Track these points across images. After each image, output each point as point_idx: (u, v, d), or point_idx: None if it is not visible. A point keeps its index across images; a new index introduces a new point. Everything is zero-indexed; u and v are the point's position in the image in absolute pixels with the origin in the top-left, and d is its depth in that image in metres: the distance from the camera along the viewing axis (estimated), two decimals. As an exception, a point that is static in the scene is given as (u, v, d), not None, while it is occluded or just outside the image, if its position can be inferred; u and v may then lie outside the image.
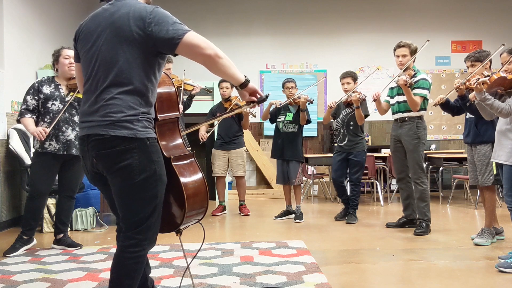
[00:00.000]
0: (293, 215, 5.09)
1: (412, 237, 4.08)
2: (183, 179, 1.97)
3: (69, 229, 4.49)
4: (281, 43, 8.06)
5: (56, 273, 3.05)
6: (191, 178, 2.03)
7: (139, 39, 1.79)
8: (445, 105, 4.00)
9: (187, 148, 2.16)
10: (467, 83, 3.26)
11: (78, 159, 3.73)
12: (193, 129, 3.21)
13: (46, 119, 3.66)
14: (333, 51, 8.05)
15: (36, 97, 3.68)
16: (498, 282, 2.79)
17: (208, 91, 5.72)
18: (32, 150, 3.82)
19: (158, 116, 2.01)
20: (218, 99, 6.18)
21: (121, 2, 1.88)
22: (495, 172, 3.54)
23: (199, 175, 2.06)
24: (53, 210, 4.49)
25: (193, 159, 2.11)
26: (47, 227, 4.52)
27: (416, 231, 4.15)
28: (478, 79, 3.14)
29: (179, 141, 2.11)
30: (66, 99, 3.71)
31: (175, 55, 1.84)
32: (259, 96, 1.99)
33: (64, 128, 3.67)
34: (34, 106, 3.68)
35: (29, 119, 3.65)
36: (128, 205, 1.88)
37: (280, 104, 4.97)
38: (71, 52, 3.69)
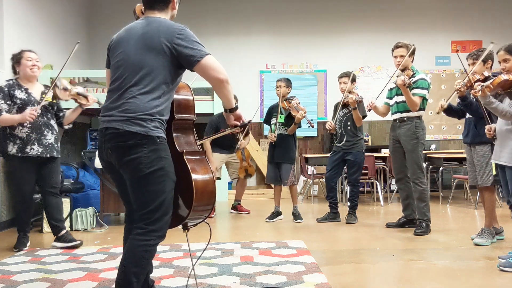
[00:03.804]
0: (282, 216, 5.10)
1: (412, 237, 4.08)
2: (193, 172, 2.11)
3: (68, 228, 4.50)
4: (281, 43, 8.06)
5: (56, 273, 3.05)
6: (201, 172, 2.16)
7: (166, 50, 2.03)
8: (449, 110, 3.99)
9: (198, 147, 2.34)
10: (472, 91, 3.24)
11: (54, 158, 3.89)
12: (205, 139, 3.36)
13: (25, 124, 3.71)
14: (333, 51, 8.05)
15: (9, 102, 3.71)
16: (498, 282, 2.79)
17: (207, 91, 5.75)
18: (11, 152, 3.72)
19: (175, 115, 2.24)
20: (217, 99, 6.17)
21: (152, 18, 2.14)
22: (494, 172, 3.53)
23: (209, 172, 2.20)
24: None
25: (204, 157, 2.26)
26: (47, 227, 4.50)
27: (416, 231, 4.15)
28: (482, 85, 3.12)
29: (192, 140, 2.31)
30: (42, 103, 3.76)
31: (192, 70, 2.09)
32: (242, 121, 2.29)
33: (45, 132, 3.79)
34: (6, 110, 3.69)
35: (7, 114, 3.67)
36: (138, 197, 2.06)
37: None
38: (33, 55, 3.86)
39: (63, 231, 3.91)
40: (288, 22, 8.06)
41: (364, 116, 4.79)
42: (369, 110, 4.46)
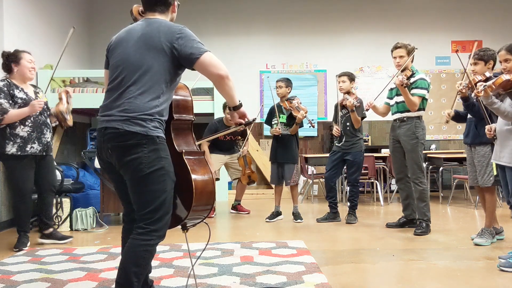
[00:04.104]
0: (282, 216, 5.10)
1: (412, 237, 4.08)
2: (192, 172, 2.12)
3: (68, 228, 4.51)
4: (281, 43, 8.06)
5: (56, 273, 3.05)
6: (200, 172, 2.16)
7: (166, 49, 2.04)
8: (457, 117, 3.96)
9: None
10: (475, 91, 3.23)
11: (49, 156, 3.99)
12: (203, 140, 3.32)
13: (27, 123, 3.77)
14: (333, 51, 8.05)
15: (11, 101, 3.73)
16: (498, 282, 2.79)
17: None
18: (10, 152, 3.74)
19: (174, 115, 2.24)
20: (217, 99, 6.18)
21: (152, 19, 2.16)
22: (495, 173, 3.53)
23: (208, 173, 2.20)
24: (53, 210, 4.49)
25: (203, 157, 2.27)
26: (47, 227, 4.52)
27: (416, 231, 4.15)
28: (484, 85, 3.11)
29: (191, 140, 2.31)
30: (42, 100, 3.86)
31: (192, 69, 2.10)
32: (246, 119, 2.27)
33: (44, 130, 3.88)
34: (9, 109, 3.73)
35: (14, 109, 3.71)
36: (139, 197, 2.06)
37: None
38: (31, 57, 3.93)
39: (51, 229, 4.05)
40: (288, 22, 8.06)
41: (363, 118, 4.80)
42: (367, 109, 4.47)
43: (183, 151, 2.17)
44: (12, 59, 3.84)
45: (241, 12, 8.02)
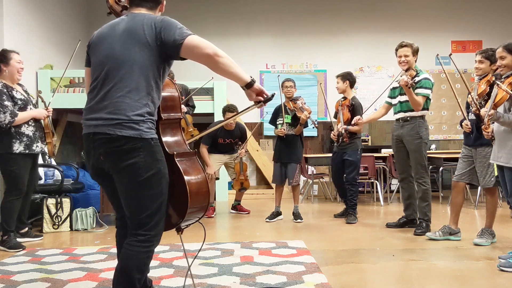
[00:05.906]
0: (282, 216, 5.11)
1: (412, 237, 4.08)
2: (186, 175, 2.04)
3: (69, 228, 4.49)
4: (281, 43, 8.06)
5: (56, 273, 3.05)
6: (194, 174, 2.08)
7: (151, 43, 1.92)
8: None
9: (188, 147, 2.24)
10: (484, 128, 3.26)
11: (38, 156, 4.09)
12: (197, 137, 3.25)
13: (30, 123, 3.86)
14: (333, 51, 8.05)
15: (11, 102, 3.77)
16: (498, 282, 2.79)
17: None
18: (17, 151, 3.79)
19: (162, 115, 2.11)
20: (217, 99, 6.18)
21: (136, 13, 2.04)
22: (496, 173, 3.52)
23: (201, 173, 2.12)
24: (53, 210, 4.50)
25: (195, 157, 2.18)
26: (47, 227, 4.52)
27: (416, 231, 4.15)
28: (489, 116, 3.11)
29: (181, 140, 2.20)
30: (33, 101, 4.03)
31: (181, 59, 1.96)
32: (265, 96, 2.08)
33: (41, 131, 4.02)
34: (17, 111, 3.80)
35: (22, 112, 3.79)
36: (135, 202, 1.96)
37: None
38: (20, 57, 3.89)
39: (27, 228, 4.14)
40: (288, 22, 8.06)
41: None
42: (354, 124, 4.65)
43: (174, 153, 2.06)
44: (1, 59, 3.80)
45: (241, 12, 8.03)
